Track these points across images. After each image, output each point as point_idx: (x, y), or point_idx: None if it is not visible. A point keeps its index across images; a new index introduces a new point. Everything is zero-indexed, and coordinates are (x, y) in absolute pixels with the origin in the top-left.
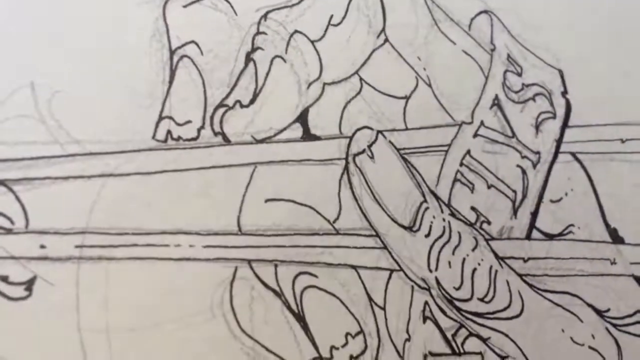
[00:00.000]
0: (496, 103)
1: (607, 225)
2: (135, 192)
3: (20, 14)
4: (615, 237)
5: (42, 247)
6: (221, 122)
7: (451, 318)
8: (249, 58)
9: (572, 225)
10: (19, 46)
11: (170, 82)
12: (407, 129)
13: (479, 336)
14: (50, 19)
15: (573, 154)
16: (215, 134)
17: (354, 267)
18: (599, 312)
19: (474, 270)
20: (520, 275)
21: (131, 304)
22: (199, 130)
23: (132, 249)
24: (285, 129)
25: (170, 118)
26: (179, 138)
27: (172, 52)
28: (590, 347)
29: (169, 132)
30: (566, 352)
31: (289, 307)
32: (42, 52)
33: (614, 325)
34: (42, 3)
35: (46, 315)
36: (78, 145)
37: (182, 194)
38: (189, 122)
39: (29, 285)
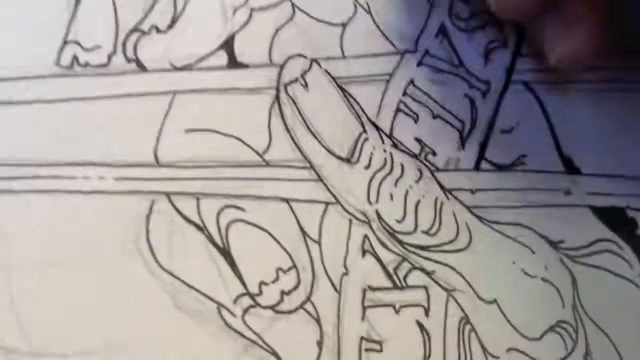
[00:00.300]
0: (442, 31)
1: (561, 155)
2: (37, 121)
3: None
4: (571, 168)
5: None
6: (135, 47)
7: (393, 251)
8: None
9: (524, 155)
10: None
11: (76, 4)
12: (344, 57)
13: (423, 269)
14: None
15: (525, 83)
16: (129, 60)
17: (285, 199)
18: (552, 243)
19: (418, 202)
20: (468, 207)
21: (37, 239)
22: (109, 56)
23: (34, 180)
24: (208, 56)
25: (77, 42)
26: (87, 64)
27: None
28: (542, 279)
29: (74, 57)
30: (517, 284)
31: (213, 242)
32: None
33: (569, 257)
34: None
35: None
36: None
37: (90, 123)
38: (97, 47)
39: None
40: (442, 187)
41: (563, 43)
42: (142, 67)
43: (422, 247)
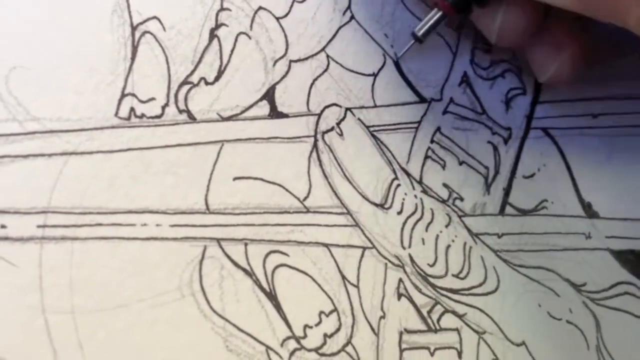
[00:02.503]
0: (465, 80)
1: (581, 199)
2: (98, 170)
3: None
4: (590, 212)
5: (3, 227)
6: (186, 99)
7: (426, 295)
8: (213, 34)
9: (545, 200)
10: None
11: (133, 58)
12: (375, 106)
13: (454, 312)
14: None
15: (544, 130)
16: (180, 111)
17: (325, 245)
18: (575, 286)
19: (448, 246)
20: (494, 251)
21: (97, 284)
22: (163, 108)
23: (97, 228)
24: (251, 106)
25: (133, 95)
26: (143, 115)
27: (133, 28)
28: (568, 321)
29: (132, 109)
30: (543, 327)
31: (260, 286)
32: None
33: (591, 299)
34: None
35: (9, 298)
36: (37, 123)
37: (146, 172)
38: (152, 99)
39: None
40: (470, 231)
41: (550, 66)
42: (192, 118)
43: (453, 291)
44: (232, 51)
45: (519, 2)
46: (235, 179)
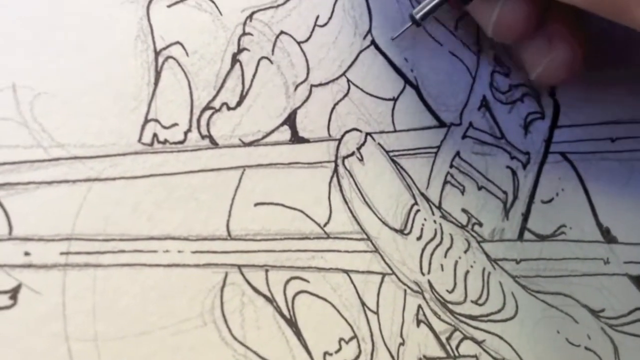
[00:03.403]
0: (484, 104)
1: (599, 224)
2: (121, 196)
3: (1, 15)
4: (608, 237)
5: (27, 254)
6: (208, 124)
7: (445, 321)
8: (235, 59)
9: (563, 225)
10: (0, 47)
11: (156, 83)
12: (395, 130)
13: (473, 339)
14: (32, 19)
15: (563, 154)
16: (203, 137)
17: (345, 271)
18: (593, 312)
19: (467, 272)
20: (513, 277)
21: (120, 311)
22: (185, 133)
23: (120, 255)
24: (273, 131)
25: (156, 121)
26: (166, 141)
27: (157, 53)
28: (586, 348)
29: (155, 135)
30: (562, 353)
31: (280, 313)
32: (23, 53)
33: (610, 325)
34: (24, 4)
35: (32, 325)
36: (62, 149)
37: (169, 198)
38: (175, 124)
39: (14, 293)
40: (488, 257)
41: (542, 61)
42: (214, 143)
43: (471, 317)
44: (254, 76)
45: None
46: (256, 204)
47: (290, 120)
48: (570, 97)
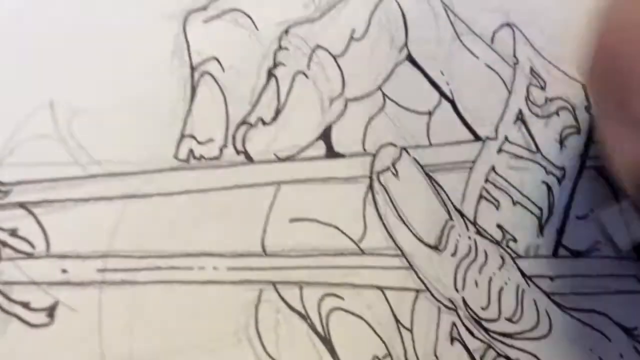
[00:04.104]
0: (520, 118)
1: (633, 241)
2: (157, 213)
3: (39, 33)
4: None
5: (64, 271)
6: (243, 140)
7: (479, 339)
8: (270, 74)
9: (598, 242)
10: (37, 64)
11: (192, 99)
12: (431, 145)
13: (507, 357)
14: (69, 37)
15: (597, 169)
16: (238, 152)
17: (379, 287)
18: (627, 330)
19: (501, 289)
20: (547, 294)
21: (155, 329)
22: (221, 149)
23: (156, 272)
24: (308, 146)
25: (192, 137)
26: (201, 157)
27: (193, 69)
28: None
29: (191, 151)
30: None
31: (315, 330)
32: (61, 70)
33: None
34: (61, 21)
35: (69, 342)
36: (99, 166)
37: (204, 214)
38: (211, 140)
39: (51, 311)
40: (523, 273)
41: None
42: (249, 159)
43: (505, 335)
44: (289, 91)
45: None
46: (291, 220)
47: (326, 135)
48: None
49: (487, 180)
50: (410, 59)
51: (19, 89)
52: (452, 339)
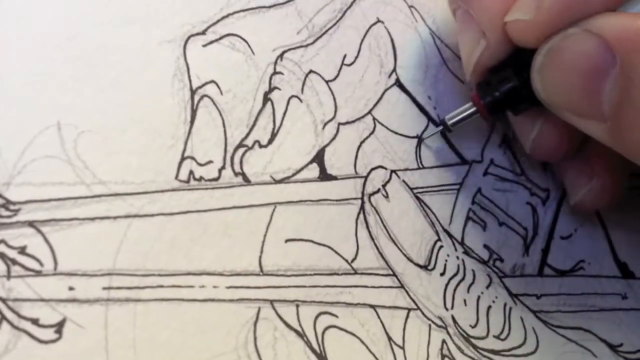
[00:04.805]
0: (505, 141)
1: (617, 260)
2: (159, 232)
3: (45, 56)
4: (626, 272)
5: (71, 289)
6: (241, 162)
7: (468, 356)
8: (266, 98)
9: (582, 261)
10: (44, 86)
11: (192, 121)
12: (419, 168)
13: None
14: (75, 60)
15: None
16: (236, 174)
17: (372, 306)
18: (612, 347)
19: (489, 307)
20: (534, 312)
21: (159, 345)
22: (220, 171)
23: (158, 290)
24: (302, 169)
25: (192, 158)
26: (201, 178)
27: (192, 92)
28: None
29: (191, 172)
30: None
31: (311, 347)
32: (67, 93)
33: None
34: (67, 45)
35: (77, 358)
36: (103, 186)
37: (204, 234)
38: (210, 162)
39: (59, 327)
40: (509, 292)
41: (582, 190)
42: (247, 180)
43: (494, 352)
44: (284, 114)
45: (556, 120)
46: (287, 240)
47: (319, 158)
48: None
49: (473, 202)
50: (399, 84)
51: (27, 111)
52: (443, 356)
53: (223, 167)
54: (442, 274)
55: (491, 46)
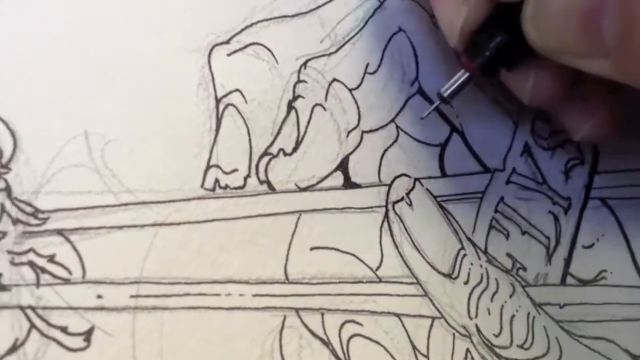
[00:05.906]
0: (526, 150)
1: (638, 269)
2: (185, 241)
3: (73, 67)
4: None
5: (99, 297)
6: (266, 170)
7: None
8: (290, 106)
9: (604, 270)
10: (72, 95)
11: (217, 130)
12: (442, 176)
13: None
14: (101, 71)
15: (602, 200)
16: (261, 182)
17: (397, 314)
18: (634, 357)
19: (513, 316)
20: (557, 321)
21: (186, 354)
22: (245, 179)
23: (185, 298)
24: (327, 177)
25: (218, 167)
26: (227, 186)
27: (217, 101)
28: None
29: (216, 180)
30: None
31: (336, 356)
32: (94, 101)
33: None
34: (94, 55)
35: None
36: (131, 194)
37: (230, 242)
38: (235, 170)
39: (88, 335)
40: (533, 301)
41: (582, 129)
42: (272, 189)
43: None
44: (308, 122)
45: (550, 66)
46: (312, 248)
47: (343, 166)
48: (609, 143)
49: (496, 211)
50: (421, 92)
51: (55, 120)
52: None
53: (248, 175)
54: (465, 283)
55: (473, 9)
